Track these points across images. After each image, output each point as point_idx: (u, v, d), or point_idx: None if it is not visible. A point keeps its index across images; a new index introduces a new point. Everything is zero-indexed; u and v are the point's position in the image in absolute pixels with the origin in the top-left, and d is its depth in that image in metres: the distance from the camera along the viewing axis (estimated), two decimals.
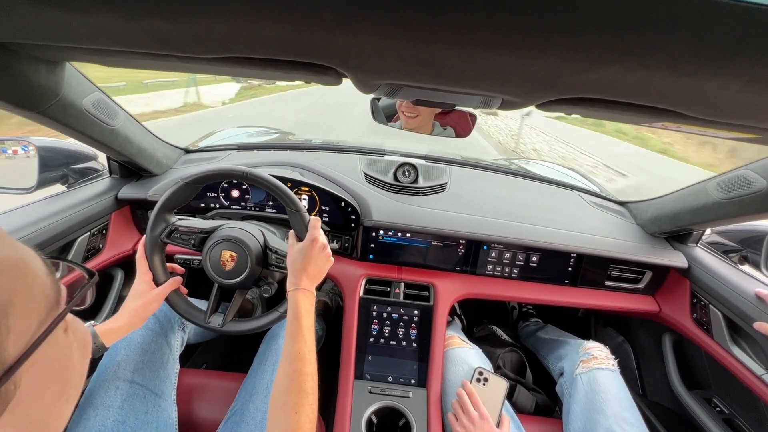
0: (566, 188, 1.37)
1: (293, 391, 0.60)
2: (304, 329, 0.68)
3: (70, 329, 0.35)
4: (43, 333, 0.31)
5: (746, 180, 0.87)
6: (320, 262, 0.78)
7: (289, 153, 1.34)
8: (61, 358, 0.34)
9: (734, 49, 0.29)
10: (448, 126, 1.14)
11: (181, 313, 0.86)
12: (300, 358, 0.64)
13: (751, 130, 0.50)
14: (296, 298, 0.72)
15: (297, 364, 0.63)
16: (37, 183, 0.96)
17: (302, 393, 0.60)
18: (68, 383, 0.34)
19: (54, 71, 0.69)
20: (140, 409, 0.77)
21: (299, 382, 0.61)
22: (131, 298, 0.78)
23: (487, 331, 1.45)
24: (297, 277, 0.74)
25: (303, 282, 0.74)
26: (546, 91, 0.45)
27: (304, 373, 0.63)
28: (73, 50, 0.54)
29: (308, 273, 0.75)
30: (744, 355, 0.92)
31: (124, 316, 0.76)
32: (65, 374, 0.34)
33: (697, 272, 1.07)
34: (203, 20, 0.36)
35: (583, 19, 0.28)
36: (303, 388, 0.61)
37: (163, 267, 0.85)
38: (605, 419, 0.82)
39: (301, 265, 0.75)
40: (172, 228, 0.84)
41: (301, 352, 0.65)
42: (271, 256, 0.86)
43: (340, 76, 0.50)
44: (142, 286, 0.80)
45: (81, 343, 0.37)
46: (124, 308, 0.77)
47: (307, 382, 0.62)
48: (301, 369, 0.63)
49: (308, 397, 0.61)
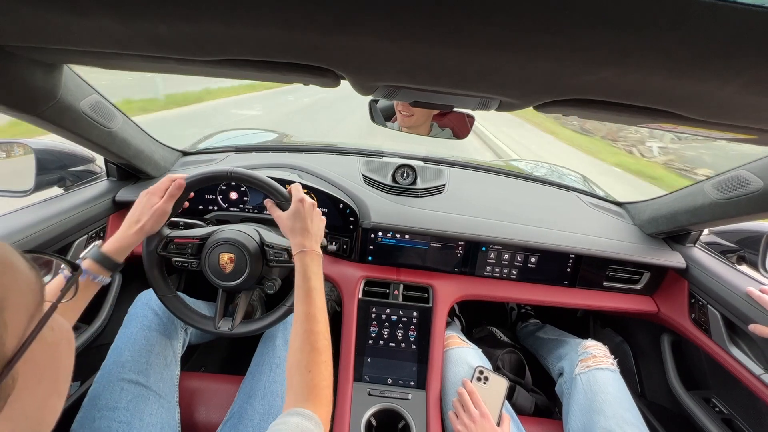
0: (564, 189, 1.37)
1: (306, 350, 0.61)
2: (312, 290, 0.68)
3: (56, 326, 0.36)
4: (36, 326, 0.32)
5: (743, 180, 0.87)
6: (316, 220, 0.78)
7: (288, 155, 1.34)
8: (51, 354, 0.35)
9: (731, 50, 0.29)
10: (446, 127, 1.14)
11: (189, 322, 0.86)
12: (310, 319, 0.64)
13: (747, 131, 0.51)
14: (303, 260, 0.71)
15: (308, 324, 0.64)
16: (35, 185, 0.95)
17: (315, 351, 0.61)
18: (59, 378, 0.36)
19: (51, 74, 0.68)
20: (145, 410, 0.76)
21: (311, 341, 0.62)
22: (131, 224, 0.75)
23: (486, 332, 1.45)
24: (301, 238, 0.74)
25: (307, 242, 0.73)
26: (544, 92, 0.45)
27: (315, 332, 0.63)
28: (71, 53, 0.54)
29: (310, 232, 0.75)
30: (742, 355, 0.92)
31: (130, 233, 0.74)
32: (56, 370, 0.36)
33: (695, 272, 1.07)
34: (201, 23, 0.36)
35: (580, 21, 0.28)
36: (315, 347, 0.61)
37: (164, 280, 0.85)
38: (605, 419, 0.82)
39: (302, 225, 0.74)
40: (167, 240, 0.84)
41: (311, 313, 0.65)
42: (269, 252, 0.86)
43: (338, 78, 0.50)
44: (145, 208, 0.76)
45: (67, 340, 0.38)
46: (129, 225, 0.75)
47: (320, 340, 0.63)
48: (312, 329, 0.63)
49: (321, 355, 0.61)
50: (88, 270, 0.69)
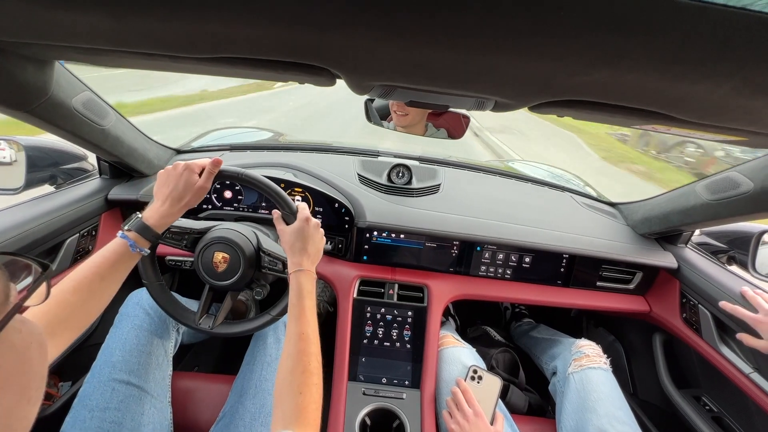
0: (558, 190, 1.38)
1: (298, 372, 0.60)
2: (306, 310, 0.68)
3: (25, 329, 0.35)
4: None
5: (734, 182, 0.88)
6: (317, 242, 0.78)
7: (283, 153, 1.34)
8: (18, 358, 0.33)
9: (722, 53, 0.29)
10: (442, 127, 1.14)
11: (171, 313, 0.85)
12: (304, 339, 0.64)
13: (739, 133, 0.51)
14: (299, 279, 0.72)
15: (301, 345, 0.63)
16: (25, 183, 0.94)
17: (306, 373, 0.60)
18: (29, 385, 0.34)
19: (43, 70, 0.67)
20: (136, 410, 0.76)
21: (304, 362, 0.61)
22: (173, 201, 0.72)
23: (480, 331, 1.46)
24: (299, 258, 0.74)
25: (305, 263, 0.74)
26: (539, 93, 0.46)
27: (308, 353, 0.62)
28: (63, 49, 0.53)
29: (308, 253, 0.75)
30: (732, 354, 0.94)
31: (174, 210, 0.73)
32: (24, 375, 0.34)
33: (686, 272, 1.08)
34: (195, 20, 0.35)
35: (575, 23, 0.28)
36: (308, 368, 0.61)
37: (153, 267, 0.84)
38: (597, 418, 0.83)
39: (302, 245, 0.75)
40: (167, 236, 0.82)
41: (305, 333, 0.65)
42: (265, 259, 0.86)
43: (334, 77, 0.50)
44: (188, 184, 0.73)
45: (38, 343, 0.36)
46: (173, 202, 0.72)
47: (312, 362, 0.62)
48: (305, 349, 0.63)
49: (313, 377, 0.60)
50: (131, 241, 0.68)
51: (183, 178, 0.73)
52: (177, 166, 0.74)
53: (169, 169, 0.74)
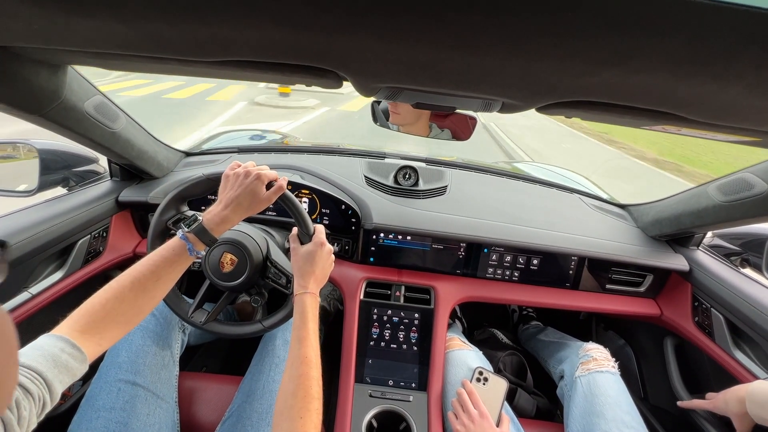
0: (567, 191, 1.37)
1: (299, 396, 0.59)
2: (310, 333, 0.68)
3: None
4: None
5: (747, 183, 0.87)
6: (326, 266, 0.79)
7: (290, 156, 1.35)
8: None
9: (734, 52, 0.29)
10: (446, 128, 1.13)
11: (166, 300, 0.85)
12: (306, 362, 0.63)
13: (751, 134, 0.50)
14: (304, 302, 0.72)
15: (303, 368, 0.63)
16: (38, 186, 0.96)
17: (308, 397, 0.59)
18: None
19: (56, 74, 0.69)
20: (142, 411, 0.77)
21: (305, 386, 0.61)
22: (240, 209, 0.71)
23: (487, 334, 1.45)
24: (305, 280, 0.74)
25: (311, 285, 0.74)
26: (547, 94, 0.45)
27: (310, 377, 0.62)
28: (75, 53, 0.54)
29: (316, 276, 0.75)
30: (746, 359, 0.92)
31: (235, 217, 0.72)
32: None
33: (698, 275, 1.06)
34: (204, 24, 0.36)
35: (583, 23, 0.28)
36: (309, 392, 0.60)
37: None
38: (605, 423, 0.82)
39: (311, 269, 0.75)
40: (181, 217, 0.83)
41: (307, 356, 0.64)
42: (271, 270, 0.86)
43: (341, 79, 0.50)
44: (257, 189, 0.72)
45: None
46: (236, 210, 0.71)
47: (313, 386, 0.61)
48: (307, 373, 0.62)
49: (314, 401, 0.60)
50: (190, 243, 0.67)
51: (250, 188, 0.71)
52: (248, 172, 0.72)
53: (239, 172, 0.73)
